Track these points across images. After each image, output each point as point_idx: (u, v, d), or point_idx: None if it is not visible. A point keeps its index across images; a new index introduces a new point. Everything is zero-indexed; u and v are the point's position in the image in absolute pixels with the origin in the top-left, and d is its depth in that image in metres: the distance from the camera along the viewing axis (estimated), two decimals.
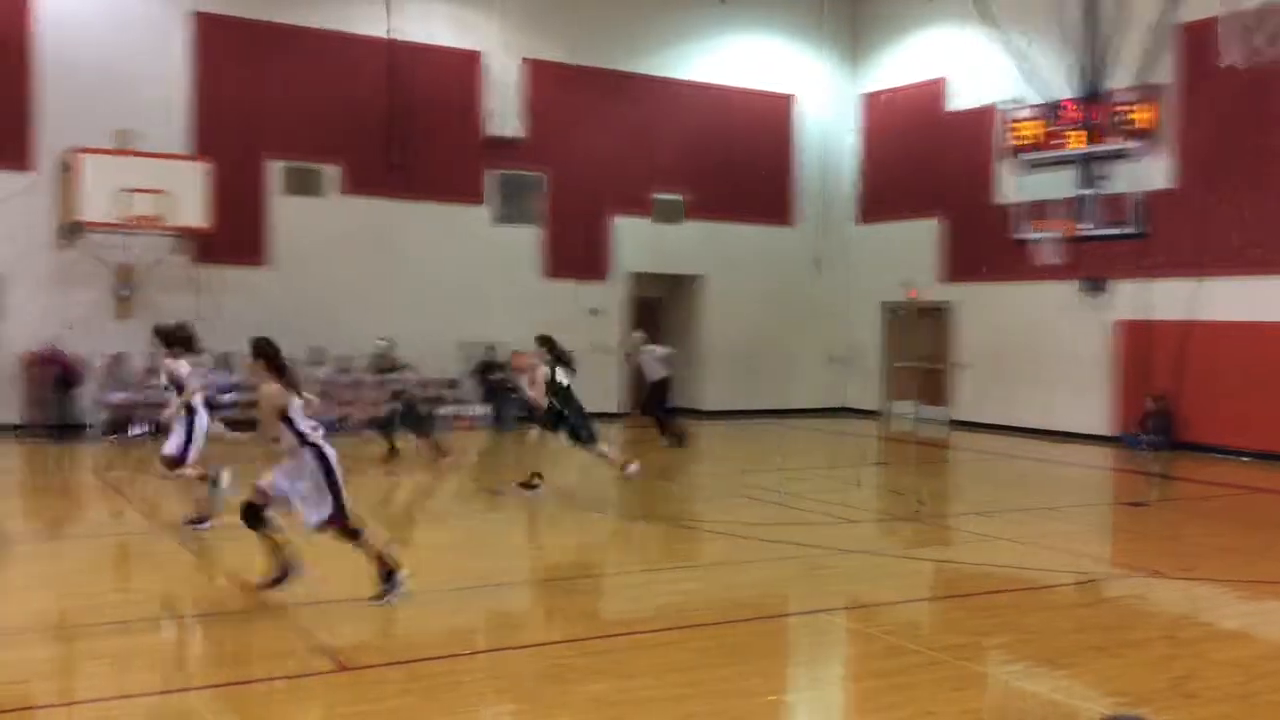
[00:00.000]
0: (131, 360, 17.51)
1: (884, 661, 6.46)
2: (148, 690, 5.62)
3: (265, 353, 7.18)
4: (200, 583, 8.05)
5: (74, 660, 6.29)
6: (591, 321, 21.47)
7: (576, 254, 21.61)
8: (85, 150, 16.82)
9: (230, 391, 17.84)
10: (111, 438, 16.44)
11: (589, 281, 21.75)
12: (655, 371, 17.92)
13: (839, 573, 8.73)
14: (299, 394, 7.08)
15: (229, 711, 5.40)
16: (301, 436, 7.03)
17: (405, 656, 6.23)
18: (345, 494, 7.12)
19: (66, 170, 17.05)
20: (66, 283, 17.43)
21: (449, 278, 20.22)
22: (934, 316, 22.24)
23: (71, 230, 17.20)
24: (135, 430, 16.88)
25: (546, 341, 12.46)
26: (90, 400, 17.20)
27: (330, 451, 7.13)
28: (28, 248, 17.15)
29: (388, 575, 7.15)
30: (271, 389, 7.01)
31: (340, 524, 7.11)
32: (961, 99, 21.45)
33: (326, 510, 7.02)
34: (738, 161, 22.89)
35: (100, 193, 16.67)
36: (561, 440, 12.32)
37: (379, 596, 7.09)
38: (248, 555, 7.66)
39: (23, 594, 7.67)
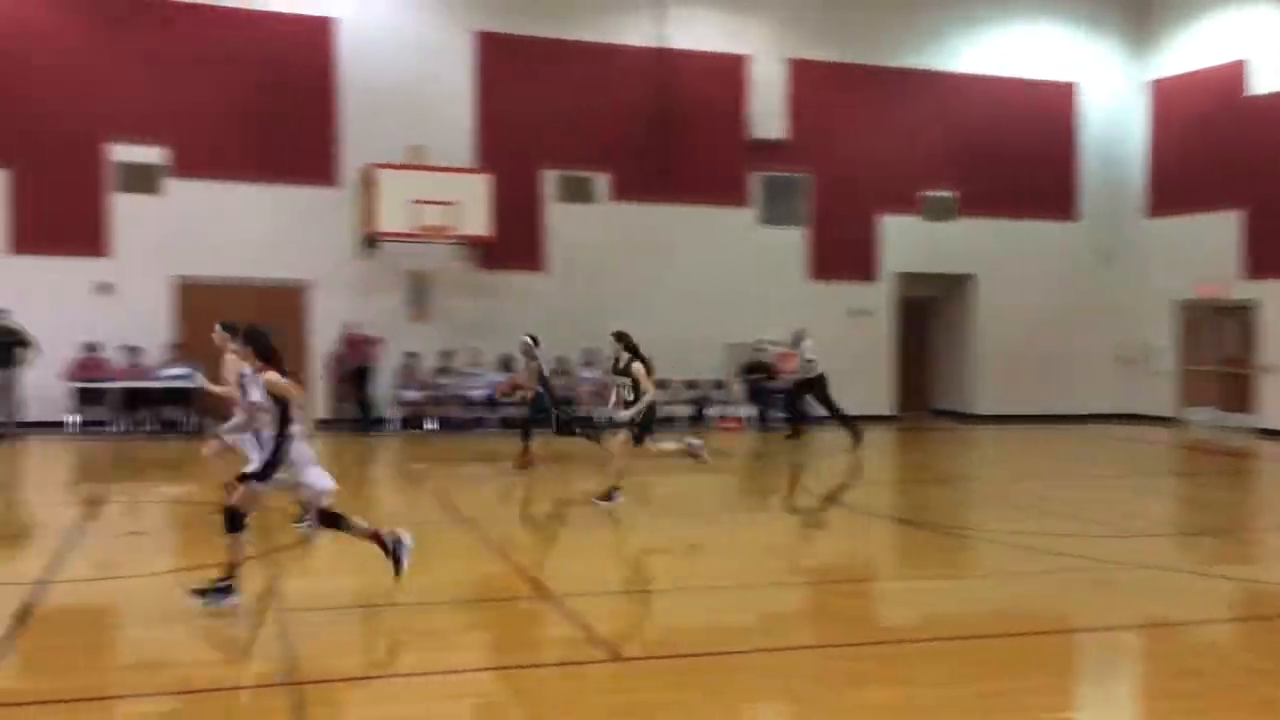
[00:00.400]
0: (423, 361, 18.77)
1: (1176, 683, 6.02)
2: (438, 668, 5.98)
3: (249, 339, 7.15)
4: (489, 570, 8.48)
5: (376, 637, 6.79)
6: (858, 323, 21.18)
7: (842, 255, 21.35)
8: (382, 166, 18.13)
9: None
10: (407, 432, 17.63)
11: (855, 282, 21.44)
12: (809, 369, 17.25)
13: (1128, 587, 8.20)
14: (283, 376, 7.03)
15: (514, 692, 5.67)
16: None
17: (678, 651, 6.33)
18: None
19: (366, 185, 18.43)
20: (366, 289, 18.83)
21: (715, 280, 20.44)
22: (1236, 316, 20.54)
23: (371, 240, 18.58)
24: (427, 426, 18.08)
25: (623, 338, 11.79)
26: (386, 397, 18.55)
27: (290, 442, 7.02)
28: (333, 257, 18.68)
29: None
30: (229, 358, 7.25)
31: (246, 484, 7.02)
32: (1265, 82, 19.70)
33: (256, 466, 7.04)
34: (1013, 155, 21.95)
35: (395, 205, 17.92)
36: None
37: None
38: (538, 546, 8.01)
39: (333, 575, 8.36)
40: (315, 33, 18.66)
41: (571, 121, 19.79)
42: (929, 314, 22.88)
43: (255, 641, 6.26)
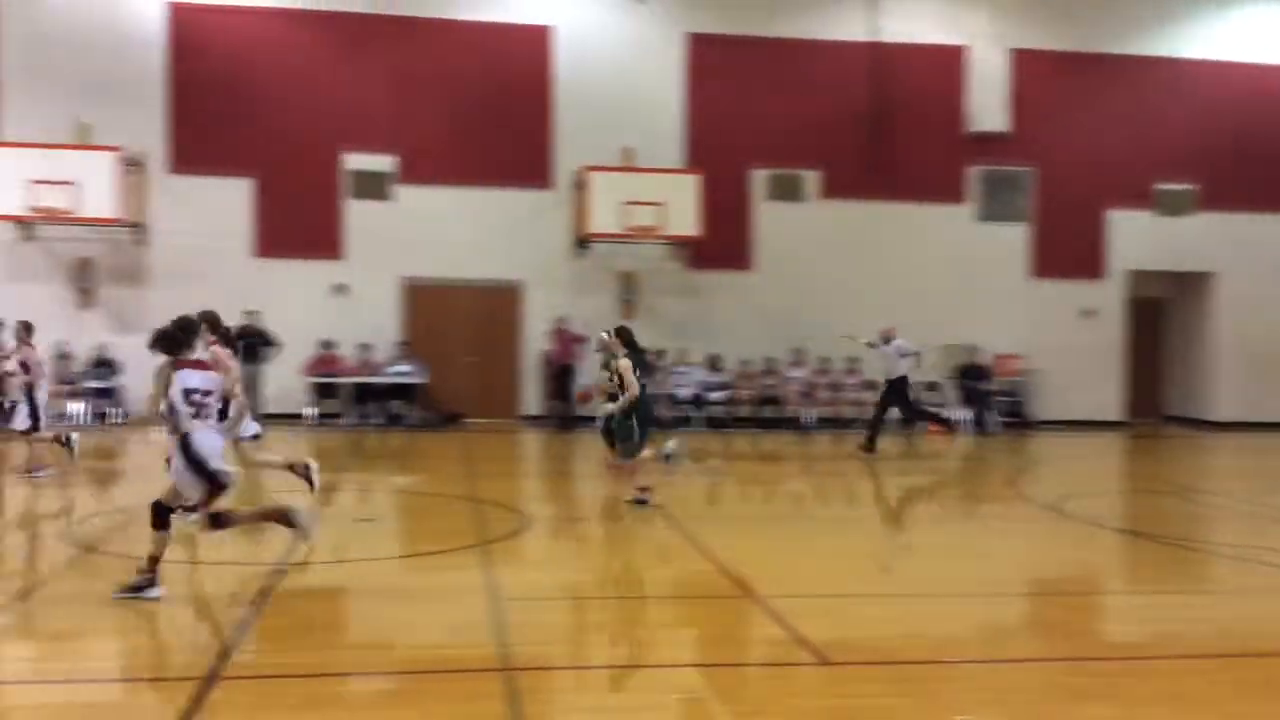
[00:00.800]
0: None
1: None
2: (644, 662, 6.05)
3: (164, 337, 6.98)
4: (694, 567, 8.52)
5: (585, 629, 6.94)
6: (1086, 325, 20.21)
7: (1067, 252, 20.41)
8: (595, 168, 18.53)
9: (721, 390, 18.83)
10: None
11: (1081, 281, 20.46)
12: (897, 368, 15.87)
13: None
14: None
15: (719, 690, 5.66)
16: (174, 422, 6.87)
17: (888, 657, 6.19)
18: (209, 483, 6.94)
19: (579, 187, 18.88)
20: (578, 289, 19.29)
21: (929, 279, 19.91)
22: None
23: (583, 241, 19.01)
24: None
25: (623, 333, 11.24)
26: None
27: (200, 438, 6.94)
28: (547, 257, 19.23)
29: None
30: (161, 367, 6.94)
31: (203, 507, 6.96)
32: None
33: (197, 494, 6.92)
34: (1261, 145, 20.43)
35: (606, 206, 18.29)
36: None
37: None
38: (743, 545, 7.99)
39: (545, 567, 8.59)
40: (534, 42, 19.25)
41: (781, 119, 19.68)
42: (1162, 314, 21.59)
43: (472, 627, 6.49)
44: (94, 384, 17.91)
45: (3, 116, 18.04)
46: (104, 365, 17.98)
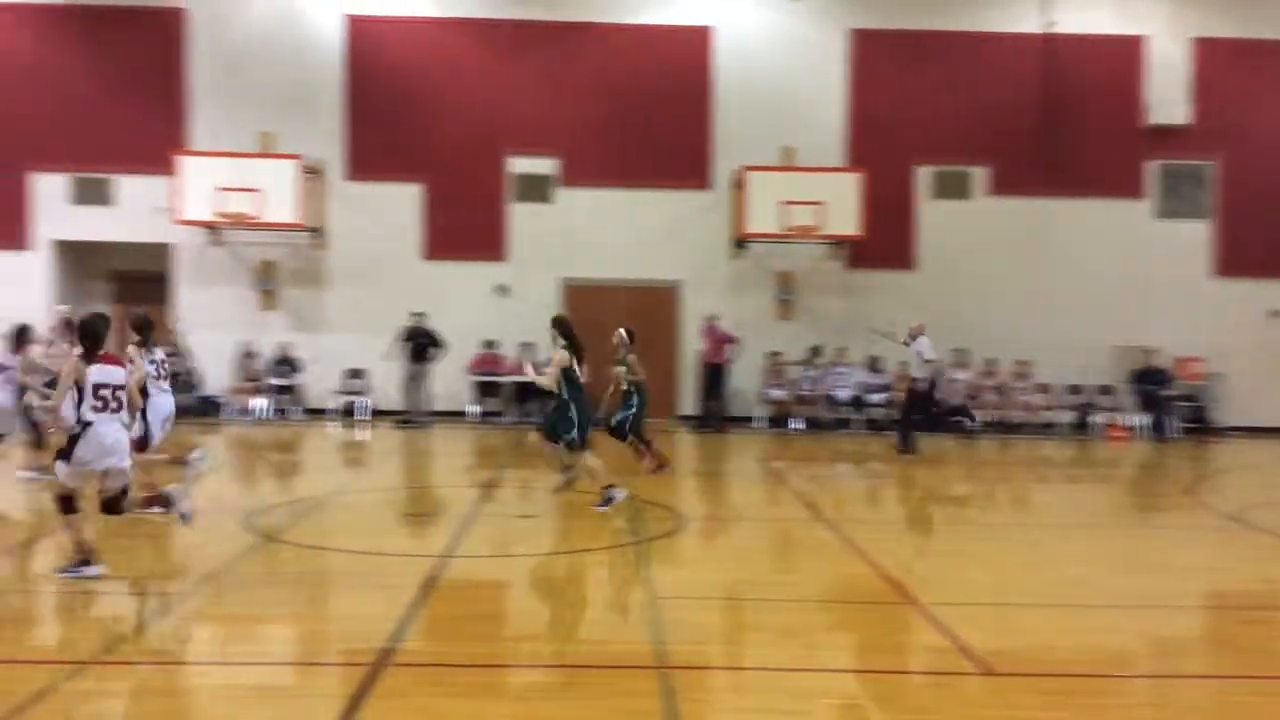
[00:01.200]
0: (789, 360, 18.96)
1: None
2: (801, 665, 6.01)
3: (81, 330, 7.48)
4: (852, 571, 8.41)
5: (741, 630, 6.94)
6: (1274, 325, 19.10)
7: (1254, 249, 19.33)
8: (753, 168, 18.48)
9: (881, 391, 18.56)
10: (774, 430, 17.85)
11: (1270, 279, 19.32)
12: (919, 369, 15.20)
13: None
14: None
15: (877, 696, 5.58)
16: (79, 413, 7.21)
17: (1054, 669, 5.98)
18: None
19: (737, 187, 18.86)
20: (735, 289, 19.28)
21: (1104, 278, 19.17)
22: None
23: (740, 242, 18.99)
24: (793, 425, 18.22)
25: (560, 323, 10.76)
26: (751, 395, 18.90)
27: (102, 430, 7.20)
28: (706, 258, 19.29)
29: (81, 558, 7.26)
30: (71, 361, 7.36)
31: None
32: None
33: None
34: None
35: (764, 206, 18.22)
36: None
37: (64, 570, 7.26)
38: (903, 549, 7.84)
39: (701, 566, 8.63)
40: (693, 43, 19.33)
41: (947, 115, 19.26)
42: None
43: (628, 624, 6.57)
44: (276, 381, 18.84)
45: (194, 129, 19.16)
46: (284, 363, 18.89)
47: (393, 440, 16.69)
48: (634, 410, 12.52)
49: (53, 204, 19.09)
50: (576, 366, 10.47)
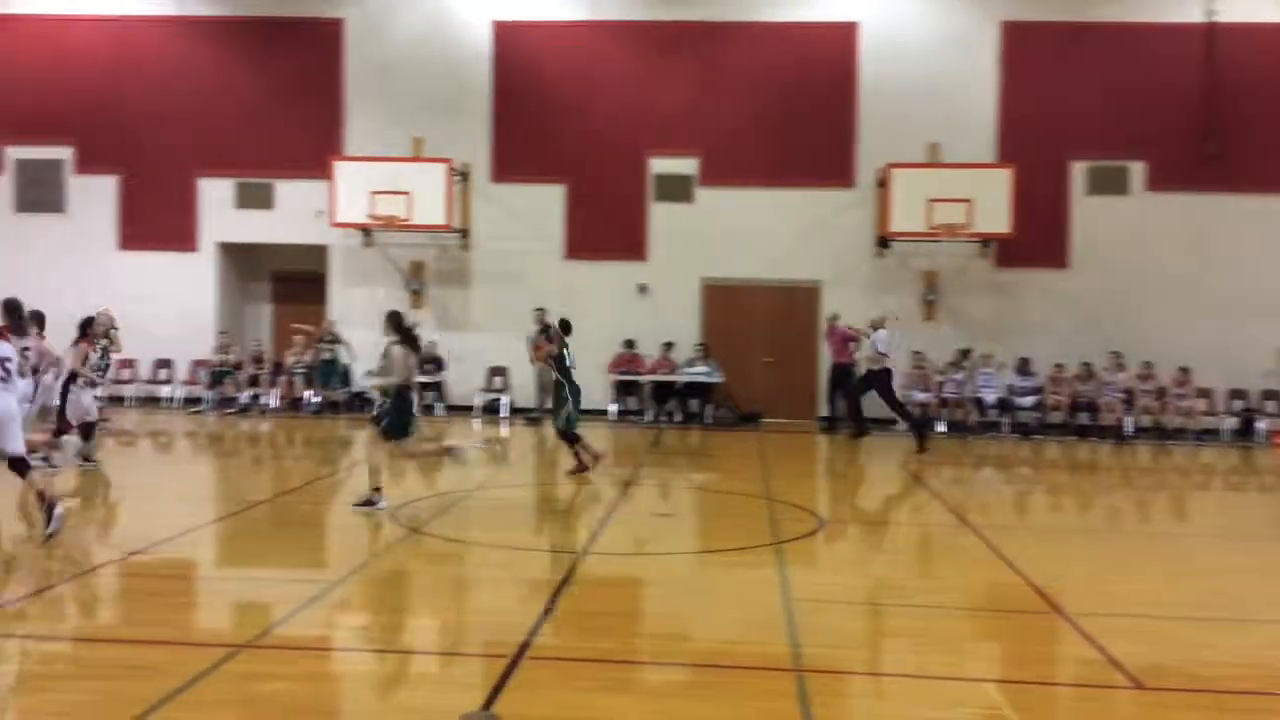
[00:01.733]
0: (933, 361, 18.54)
1: None
2: (942, 673, 5.88)
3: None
4: (997, 579, 8.19)
5: (881, 635, 6.83)
6: None
7: None
8: (897, 165, 18.15)
9: (1031, 395, 18.01)
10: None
11: None
12: (879, 360, 15.38)
13: None
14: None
15: (1022, 707, 5.42)
16: None
17: (1209, 685, 5.71)
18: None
19: (881, 185, 18.55)
20: (879, 288, 18.96)
21: (1270, 278, 18.19)
22: None
23: (884, 241, 18.66)
24: (938, 428, 17.80)
25: (393, 317, 10.75)
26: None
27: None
28: (848, 257, 19.04)
29: (49, 510, 8.01)
30: None
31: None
32: None
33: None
34: None
35: (909, 204, 17.87)
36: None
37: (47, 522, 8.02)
38: (1051, 557, 7.58)
39: (840, 570, 8.53)
40: (838, 39, 19.10)
41: (1103, 109, 18.56)
42: None
43: (765, 625, 6.54)
44: (422, 379, 19.35)
45: (348, 134, 19.88)
46: (431, 361, 19.40)
47: (532, 438, 16.96)
48: (567, 405, 12.19)
49: (218, 208, 20.07)
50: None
